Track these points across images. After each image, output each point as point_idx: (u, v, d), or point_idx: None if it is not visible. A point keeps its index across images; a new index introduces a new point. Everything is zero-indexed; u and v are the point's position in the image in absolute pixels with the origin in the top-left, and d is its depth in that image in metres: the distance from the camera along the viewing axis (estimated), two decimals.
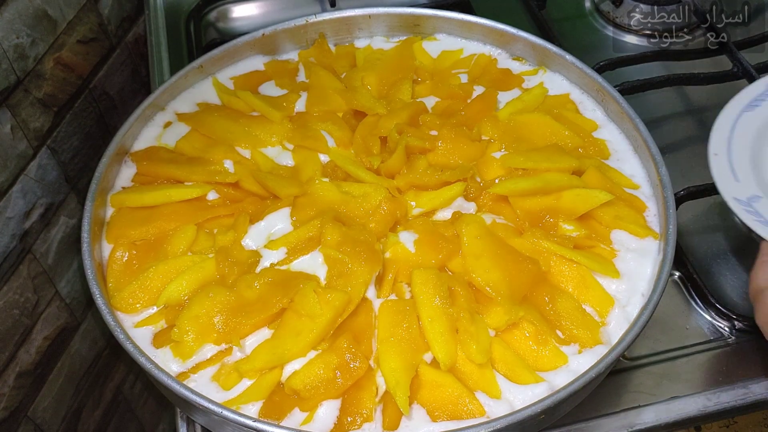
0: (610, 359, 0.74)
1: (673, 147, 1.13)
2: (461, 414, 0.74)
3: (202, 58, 1.06)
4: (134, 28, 1.26)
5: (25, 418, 1.03)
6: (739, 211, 0.90)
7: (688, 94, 1.21)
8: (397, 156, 0.93)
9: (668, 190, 0.87)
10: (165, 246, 0.88)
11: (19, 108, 0.96)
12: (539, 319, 0.80)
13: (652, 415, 0.84)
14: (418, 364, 0.78)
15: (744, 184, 0.93)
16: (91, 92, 1.13)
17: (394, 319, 0.80)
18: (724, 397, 0.86)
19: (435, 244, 0.86)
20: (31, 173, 0.99)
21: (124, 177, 0.96)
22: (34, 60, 0.98)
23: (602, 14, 1.35)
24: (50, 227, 1.05)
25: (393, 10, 1.11)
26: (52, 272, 1.06)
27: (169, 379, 0.74)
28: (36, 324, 1.03)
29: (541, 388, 0.75)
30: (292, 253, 0.87)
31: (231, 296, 0.81)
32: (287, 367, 0.78)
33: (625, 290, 0.84)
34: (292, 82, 1.08)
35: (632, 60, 1.20)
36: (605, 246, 0.87)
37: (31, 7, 0.97)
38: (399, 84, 1.05)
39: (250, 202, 0.93)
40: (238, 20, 1.37)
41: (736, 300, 0.95)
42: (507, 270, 0.83)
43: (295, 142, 0.99)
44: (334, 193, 0.91)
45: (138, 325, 0.82)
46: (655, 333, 0.91)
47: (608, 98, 1.00)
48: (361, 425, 0.75)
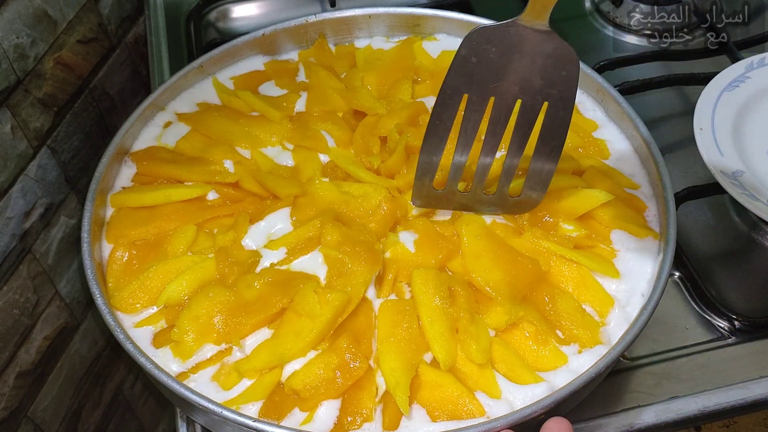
0: (610, 359, 0.74)
1: (673, 147, 1.13)
2: (461, 414, 0.74)
3: (202, 58, 1.06)
4: (134, 28, 1.27)
5: (25, 418, 1.03)
6: (725, 184, 0.92)
7: (688, 94, 1.21)
8: (397, 156, 0.93)
9: (668, 190, 0.87)
10: (165, 246, 0.88)
11: (19, 108, 0.96)
12: (539, 319, 0.80)
13: (652, 415, 0.84)
14: (418, 364, 0.78)
15: (728, 158, 0.95)
16: (91, 92, 1.13)
17: (394, 319, 0.80)
18: (724, 397, 0.86)
19: (435, 243, 0.86)
20: (31, 173, 0.99)
21: (124, 177, 0.96)
22: (34, 60, 0.98)
23: (602, 14, 1.35)
24: (50, 227, 1.05)
25: (393, 10, 1.11)
26: (52, 272, 1.06)
27: (169, 379, 0.74)
28: (36, 324, 1.03)
29: (541, 388, 0.75)
30: (292, 253, 0.87)
31: (231, 296, 0.81)
32: (287, 367, 0.78)
33: (625, 290, 0.84)
34: (292, 82, 1.08)
35: (632, 60, 1.20)
36: (605, 246, 0.87)
37: (31, 7, 0.97)
38: (399, 84, 1.05)
39: (250, 202, 0.93)
40: (238, 20, 1.37)
41: (736, 300, 0.95)
42: (507, 270, 0.83)
43: (295, 142, 0.99)
44: (334, 193, 0.91)
45: (138, 325, 0.82)
46: (655, 333, 0.91)
47: (608, 98, 1.00)
48: (361, 425, 0.75)
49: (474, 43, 0.73)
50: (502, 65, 0.75)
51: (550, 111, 0.78)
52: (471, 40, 0.74)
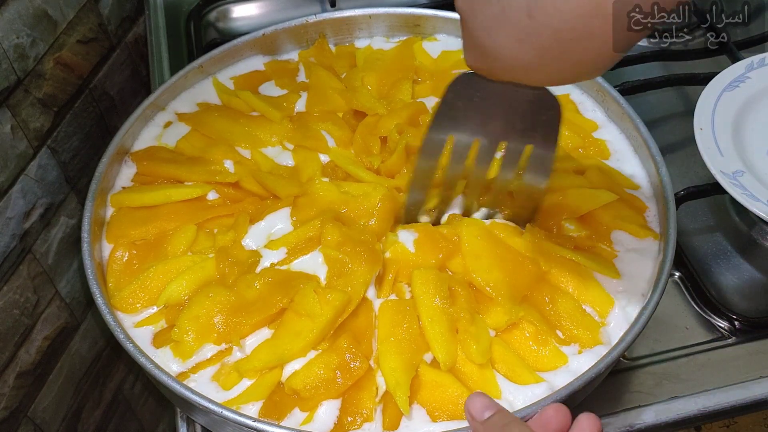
0: (610, 359, 0.74)
1: (673, 147, 1.13)
2: (461, 414, 0.74)
3: (202, 58, 1.06)
4: (134, 28, 1.26)
5: (25, 418, 1.03)
6: (725, 184, 0.92)
7: (688, 94, 1.21)
8: (397, 156, 0.93)
9: (668, 191, 0.87)
10: (165, 246, 0.88)
11: (19, 108, 0.96)
12: (539, 319, 0.80)
13: (652, 415, 0.84)
14: (418, 364, 0.78)
15: (728, 158, 0.96)
16: (91, 92, 1.13)
17: (394, 319, 0.80)
18: (724, 397, 0.86)
19: (435, 243, 0.86)
20: (31, 173, 0.99)
21: (124, 177, 0.96)
22: (34, 60, 0.98)
23: None
24: (50, 227, 1.05)
25: (393, 10, 1.11)
26: (52, 272, 1.06)
27: (169, 379, 0.74)
28: (36, 324, 1.03)
29: (541, 388, 0.75)
30: (292, 253, 0.87)
31: (231, 296, 0.81)
32: (287, 367, 0.78)
33: (625, 290, 0.84)
34: (292, 82, 1.08)
35: (632, 60, 1.20)
36: (605, 246, 0.87)
37: (31, 7, 0.97)
38: (399, 84, 1.05)
39: (250, 202, 0.93)
40: (238, 20, 1.37)
41: (736, 300, 0.95)
42: (507, 270, 0.83)
43: (295, 142, 0.99)
44: (334, 193, 0.91)
45: (138, 325, 0.82)
46: (655, 333, 0.91)
47: (608, 98, 1.00)
48: (362, 425, 0.75)
49: (458, 87, 0.76)
50: (485, 109, 0.77)
51: (534, 152, 0.81)
52: (456, 85, 0.76)
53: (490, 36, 0.64)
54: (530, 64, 0.63)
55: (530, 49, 0.61)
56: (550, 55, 0.61)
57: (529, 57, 0.62)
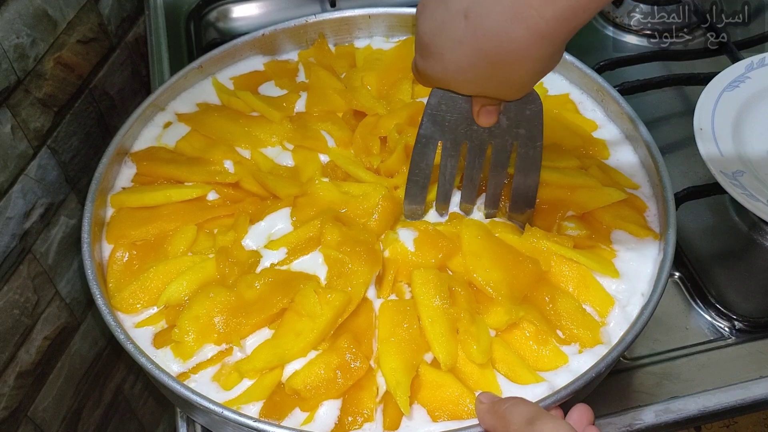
0: (610, 359, 0.74)
1: (673, 147, 1.13)
2: (462, 414, 0.74)
3: (202, 58, 1.06)
4: (134, 28, 1.27)
5: (25, 418, 1.03)
6: (725, 185, 0.93)
7: (688, 94, 1.21)
8: (397, 155, 0.93)
9: (668, 190, 0.87)
10: (165, 246, 0.88)
11: (19, 108, 0.96)
12: (539, 318, 0.80)
13: (652, 415, 0.85)
14: (418, 364, 0.78)
15: (728, 158, 0.96)
16: (91, 92, 1.13)
17: (394, 319, 0.80)
18: (724, 397, 0.86)
19: (435, 243, 0.86)
20: (31, 173, 0.99)
21: (124, 177, 0.96)
22: (35, 60, 0.98)
23: (602, 14, 1.35)
24: (50, 227, 1.05)
25: (393, 10, 1.11)
26: (52, 272, 1.06)
27: (169, 379, 0.74)
28: (36, 324, 1.03)
29: (541, 388, 0.75)
30: (292, 253, 0.87)
31: (231, 296, 0.81)
32: (288, 367, 0.78)
33: (625, 290, 0.84)
34: (292, 82, 1.08)
35: (632, 60, 1.20)
36: (605, 246, 0.87)
37: (31, 7, 0.97)
38: (399, 84, 1.05)
39: (250, 202, 0.93)
40: (238, 20, 1.37)
41: (736, 300, 0.95)
42: (507, 270, 0.83)
43: (295, 142, 0.99)
44: (334, 193, 0.91)
45: (138, 325, 0.82)
46: (655, 333, 0.91)
47: (608, 98, 1.00)
48: (362, 425, 0.75)
49: (441, 90, 0.76)
50: (469, 110, 0.77)
51: (521, 151, 0.81)
52: (439, 88, 0.76)
53: (435, 37, 0.66)
54: (468, 67, 0.65)
55: (468, 52, 0.64)
56: (485, 60, 0.63)
57: (466, 60, 0.64)
